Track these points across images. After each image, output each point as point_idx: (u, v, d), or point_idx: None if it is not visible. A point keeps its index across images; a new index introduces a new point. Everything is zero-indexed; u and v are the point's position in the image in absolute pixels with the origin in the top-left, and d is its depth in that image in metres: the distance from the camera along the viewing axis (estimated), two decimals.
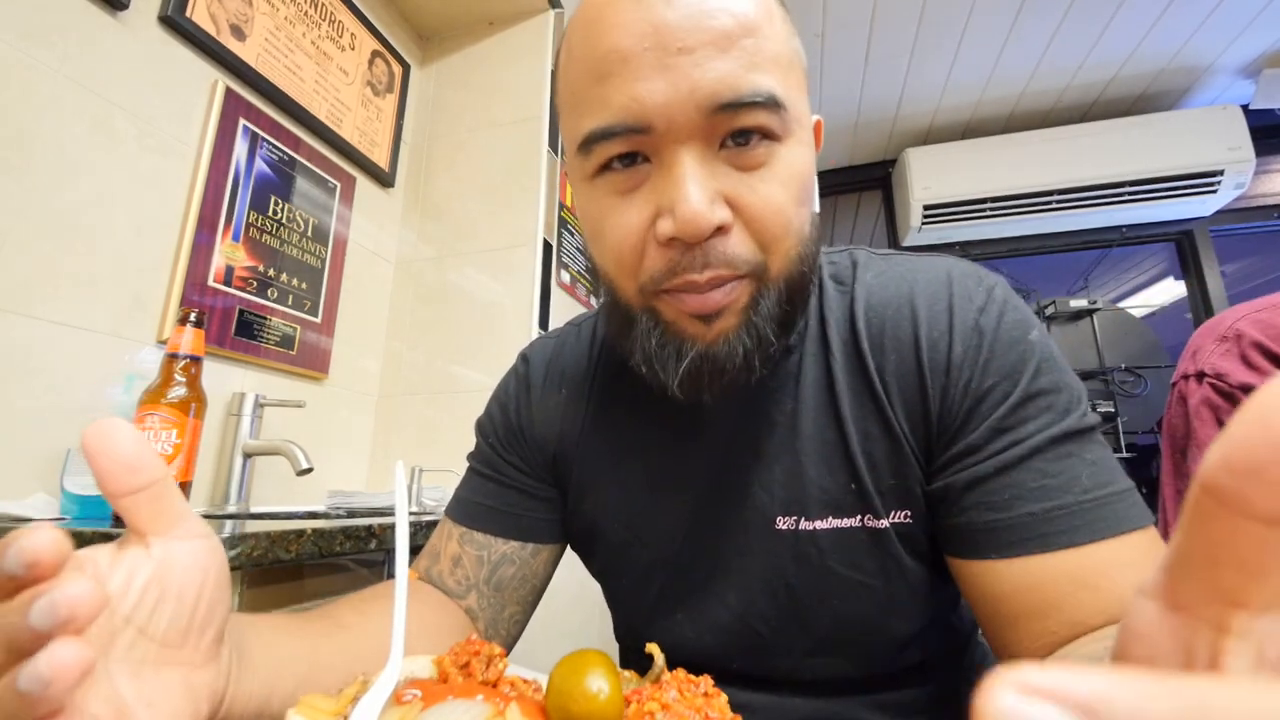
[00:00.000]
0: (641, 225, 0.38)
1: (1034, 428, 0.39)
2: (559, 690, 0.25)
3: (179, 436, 0.82)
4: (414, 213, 1.68)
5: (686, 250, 0.36)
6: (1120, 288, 3.13)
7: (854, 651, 0.46)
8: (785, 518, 0.45)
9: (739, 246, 0.37)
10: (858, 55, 2.14)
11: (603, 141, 0.37)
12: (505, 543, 0.53)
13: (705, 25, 0.35)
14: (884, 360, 0.44)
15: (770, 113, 0.36)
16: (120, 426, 0.24)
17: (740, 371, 0.39)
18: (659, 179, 0.37)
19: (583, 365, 0.55)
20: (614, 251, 0.39)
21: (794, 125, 0.38)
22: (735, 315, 0.38)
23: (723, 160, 0.37)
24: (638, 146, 0.37)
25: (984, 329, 0.41)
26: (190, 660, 0.26)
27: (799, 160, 0.38)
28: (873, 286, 0.46)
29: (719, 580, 0.48)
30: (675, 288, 0.38)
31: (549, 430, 0.54)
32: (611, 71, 0.36)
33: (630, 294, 0.40)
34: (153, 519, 0.25)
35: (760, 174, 0.37)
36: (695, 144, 0.36)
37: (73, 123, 0.94)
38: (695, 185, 0.35)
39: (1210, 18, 1.98)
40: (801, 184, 0.39)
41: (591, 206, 0.40)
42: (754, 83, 0.35)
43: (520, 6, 1.67)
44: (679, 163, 0.36)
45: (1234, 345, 0.64)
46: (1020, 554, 0.37)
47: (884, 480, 0.43)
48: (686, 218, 0.35)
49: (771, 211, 0.37)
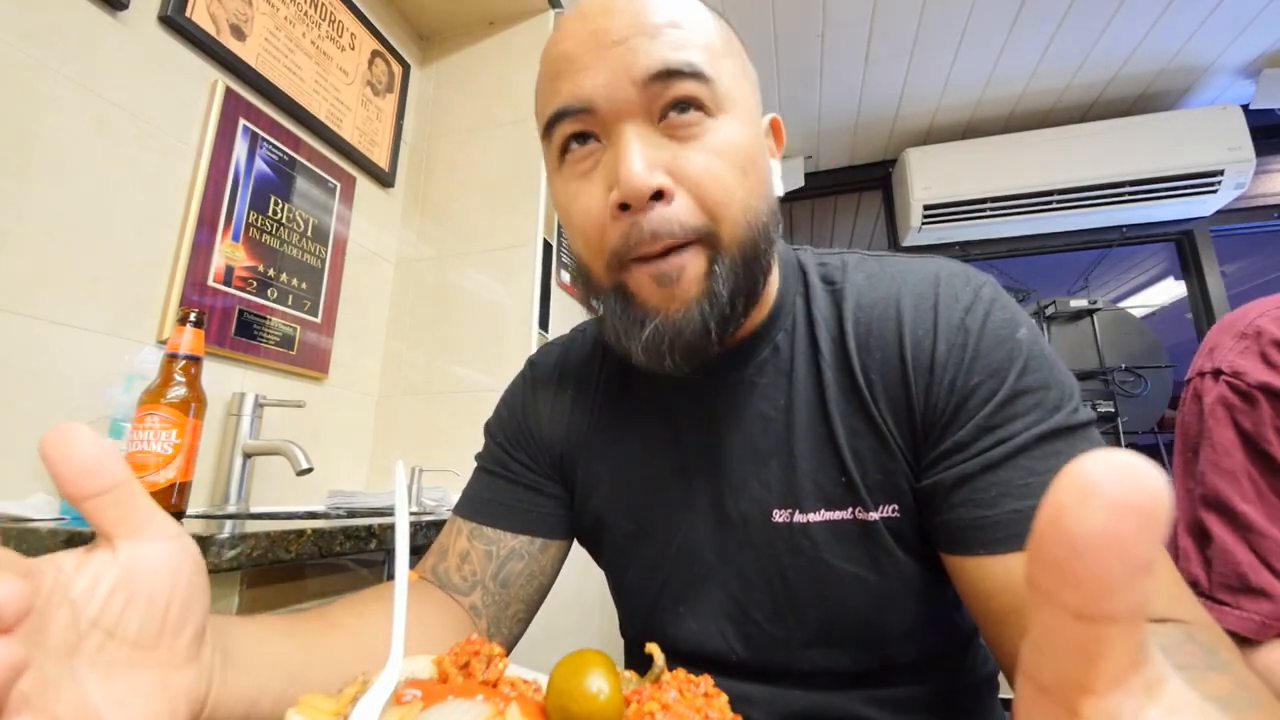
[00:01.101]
0: (600, 202, 0.41)
1: (1021, 425, 0.39)
2: (559, 690, 0.25)
3: (179, 436, 0.82)
4: (414, 213, 1.68)
5: (635, 221, 0.39)
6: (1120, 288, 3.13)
7: (849, 644, 0.47)
8: (781, 510, 0.46)
9: (683, 213, 0.40)
10: (858, 55, 2.14)
11: (558, 122, 0.42)
12: (515, 537, 0.54)
13: (635, 21, 0.40)
14: (869, 359, 0.45)
15: (698, 83, 0.40)
16: (78, 431, 0.24)
17: (699, 337, 0.41)
18: (609, 157, 0.41)
19: (588, 366, 0.57)
20: (581, 231, 0.43)
21: (726, 102, 0.41)
22: (694, 283, 0.41)
23: (662, 133, 0.40)
24: (586, 125, 0.41)
25: (969, 328, 0.42)
26: (166, 661, 0.26)
27: (735, 134, 0.41)
28: (862, 288, 0.48)
29: (720, 572, 0.49)
30: (631, 257, 0.41)
31: (556, 429, 0.56)
32: (562, 70, 0.42)
33: (600, 272, 0.43)
34: (118, 522, 0.25)
35: (696, 145, 0.40)
36: (636, 120, 0.40)
37: (73, 123, 0.94)
38: (635, 154, 0.39)
39: (1210, 18, 1.98)
40: (739, 155, 0.41)
41: (561, 195, 0.44)
42: (681, 57, 0.40)
43: (520, 6, 1.67)
44: (622, 137, 0.40)
45: (1253, 343, 0.62)
46: (1006, 550, 0.38)
47: (871, 475, 0.44)
48: (628, 180, 0.38)
49: (709, 177, 0.40)
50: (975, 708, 0.51)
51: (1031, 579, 0.13)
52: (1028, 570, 0.13)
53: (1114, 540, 0.11)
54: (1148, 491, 0.11)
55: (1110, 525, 0.11)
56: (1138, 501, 0.11)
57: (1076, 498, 0.12)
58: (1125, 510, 0.11)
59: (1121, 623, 0.12)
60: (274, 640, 0.35)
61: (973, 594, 0.40)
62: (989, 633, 0.40)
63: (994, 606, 0.38)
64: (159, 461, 0.80)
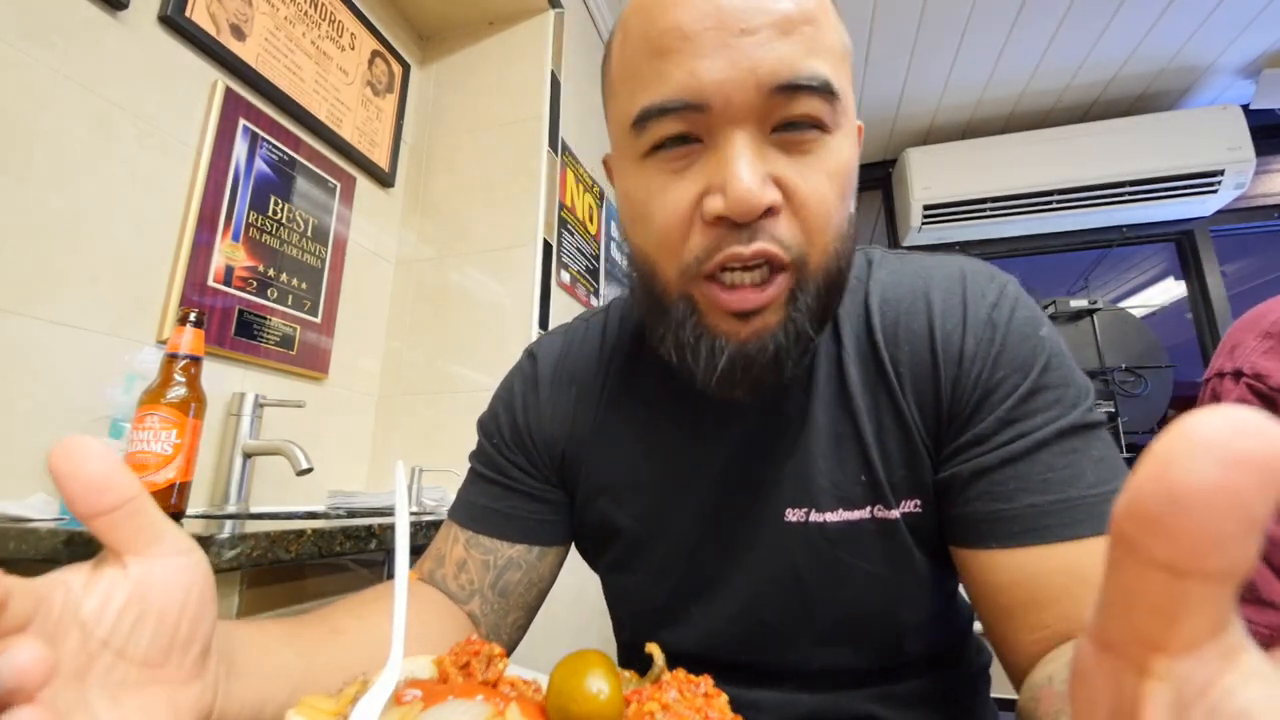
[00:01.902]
0: (689, 204, 0.38)
1: (1041, 420, 0.39)
2: (559, 690, 0.25)
3: (179, 436, 0.82)
4: (414, 213, 1.68)
5: (733, 228, 0.37)
6: (1120, 288, 3.13)
7: (860, 642, 0.47)
8: (795, 510, 0.45)
9: (786, 231, 0.37)
10: (858, 55, 2.14)
11: (658, 118, 0.37)
12: (512, 546, 0.53)
13: (768, 8, 0.35)
14: (898, 352, 0.44)
15: (824, 100, 0.36)
16: (88, 445, 0.23)
17: (771, 368, 0.39)
18: (710, 159, 0.37)
19: (594, 362, 0.55)
20: (660, 231, 0.39)
21: (843, 118, 0.38)
22: (775, 312, 0.38)
23: (773, 144, 0.37)
24: (692, 125, 0.37)
25: (997, 323, 0.42)
26: (174, 678, 0.26)
27: (845, 154, 0.38)
28: (887, 282, 0.47)
29: (730, 572, 0.48)
30: (720, 262, 0.37)
31: (558, 429, 0.54)
32: (672, 48, 0.36)
33: (670, 277, 0.40)
34: (129, 539, 0.25)
35: (808, 161, 0.37)
36: (749, 126, 0.36)
37: (73, 123, 0.94)
38: (747, 165, 0.35)
39: (1210, 18, 1.98)
40: (846, 178, 0.39)
41: (639, 187, 0.40)
42: (812, 67, 0.36)
43: (520, 6, 1.67)
44: (732, 142, 0.36)
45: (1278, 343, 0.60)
46: (1020, 545, 0.38)
47: (895, 471, 0.44)
48: (739, 195, 0.35)
49: (817, 199, 0.37)
50: (973, 702, 0.51)
51: (1119, 531, 0.13)
52: (1115, 523, 0.13)
53: (1228, 495, 0.11)
54: (1271, 447, 0.11)
55: (1225, 479, 0.11)
56: (1260, 457, 0.11)
57: (1187, 450, 0.11)
58: (1244, 465, 0.11)
59: (1215, 582, 0.12)
60: (277, 650, 0.35)
61: (982, 588, 0.40)
62: (994, 627, 0.40)
63: (1003, 601, 0.39)
64: (159, 461, 0.80)
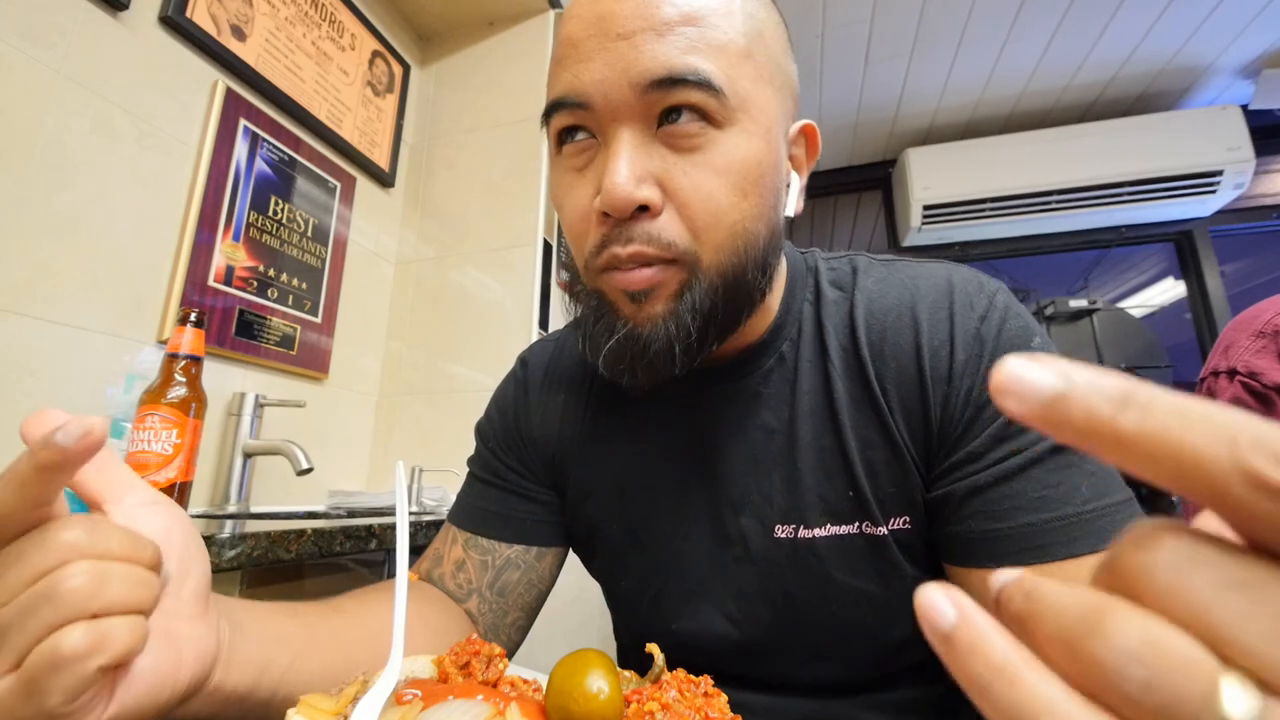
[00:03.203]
0: (588, 201, 0.39)
1: (1034, 437, 0.38)
2: (559, 690, 0.25)
3: (179, 436, 0.82)
4: (414, 213, 1.68)
5: (615, 226, 0.38)
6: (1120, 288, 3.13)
7: (851, 657, 0.46)
8: (784, 526, 0.45)
9: (666, 230, 0.38)
10: (858, 55, 2.14)
11: (555, 114, 0.40)
12: (510, 547, 0.53)
13: (646, 14, 0.37)
14: (884, 368, 0.43)
15: (703, 92, 0.36)
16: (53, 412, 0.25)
17: (660, 357, 0.39)
18: (600, 157, 0.39)
19: (581, 368, 0.55)
20: (569, 227, 0.42)
21: (738, 113, 0.38)
22: (662, 301, 0.39)
23: (660, 141, 0.38)
24: (581, 120, 0.39)
25: (985, 337, 0.41)
26: (172, 610, 0.28)
27: (740, 150, 0.38)
28: (873, 293, 0.46)
29: (717, 587, 0.47)
30: (603, 263, 0.39)
31: (548, 432, 0.54)
32: (564, 55, 0.39)
33: (583, 270, 0.42)
34: (104, 488, 0.27)
35: (694, 159, 0.37)
36: (633, 124, 0.37)
37: (73, 123, 0.94)
38: (624, 162, 0.36)
39: (1210, 18, 1.98)
40: (741, 174, 0.38)
41: (556, 184, 0.43)
42: (688, 63, 0.36)
43: (520, 6, 1.67)
44: (613, 140, 0.38)
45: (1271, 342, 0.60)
46: (1018, 563, 0.37)
47: (883, 488, 0.43)
48: (611, 192, 0.36)
49: (702, 197, 0.37)
50: (973, 709, 0.51)
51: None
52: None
53: None
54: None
55: None
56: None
57: None
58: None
59: None
60: (280, 619, 0.36)
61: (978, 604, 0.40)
62: None
63: (999, 618, 0.38)
64: (159, 461, 0.80)
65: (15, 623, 0.22)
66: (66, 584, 0.22)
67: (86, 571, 0.23)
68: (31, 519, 0.23)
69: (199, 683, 0.28)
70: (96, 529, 0.24)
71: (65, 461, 0.22)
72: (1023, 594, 0.13)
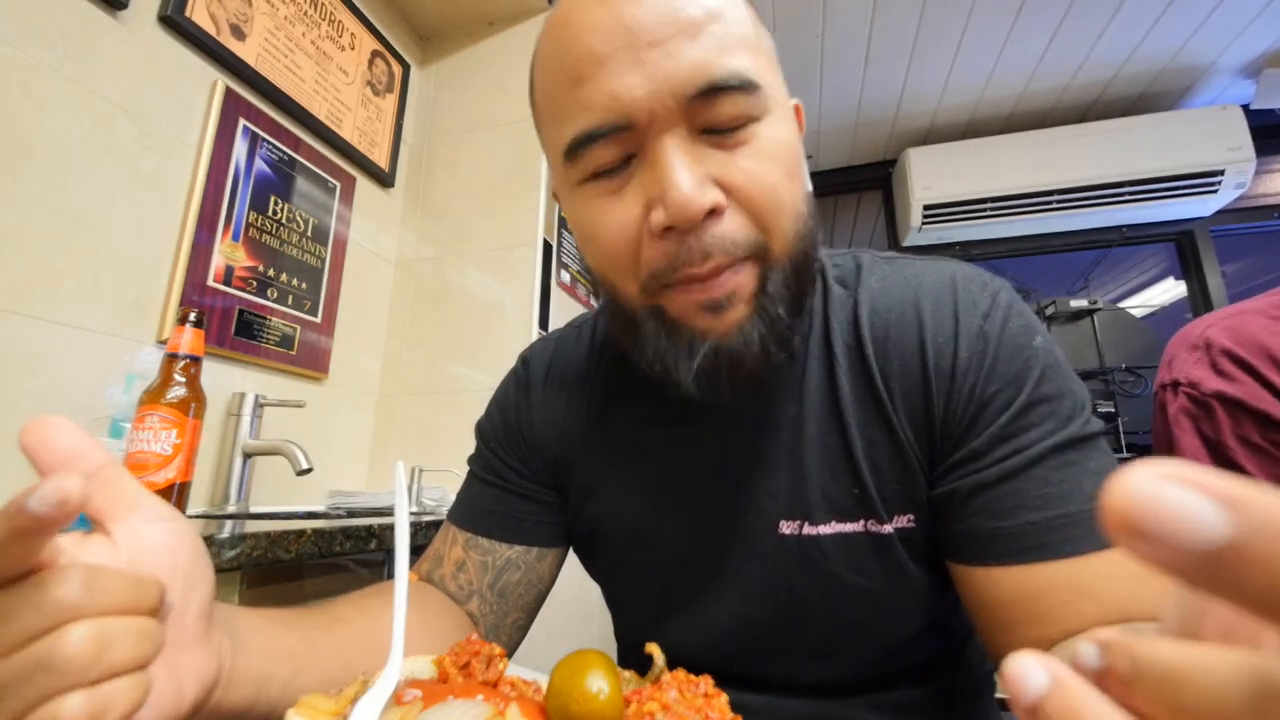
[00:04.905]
0: (635, 221, 0.37)
1: (1037, 435, 0.39)
2: (559, 690, 0.25)
3: (179, 436, 0.82)
4: (414, 213, 1.68)
5: (683, 241, 0.36)
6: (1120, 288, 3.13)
7: (854, 655, 0.46)
8: (789, 522, 0.44)
9: (735, 229, 0.37)
10: (858, 55, 2.14)
11: (590, 145, 0.37)
12: (510, 548, 0.53)
13: (673, 17, 0.35)
14: (888, 365, 0.43)
15: (746, 94, 0.36)
16: (56, 421, 0.24)
17: (758, 360, 0.38)
18: (646, 172, 0.37)
19: (583, 367, 0.55)
20: (609, 252, 0.39)
21: (770, 103, 0.38)
22: (745, 303, 0.38)
23: (706, 144, 0.37)
24: (624, 146, 0.37)
25: (989, 335, 0.41)
26: (174, 641, 0.26)
27: (782, 134, 0.38)
28: (877, 291, 0.46)
29: (721, 584, 0.47)
30: (678, 281, 0.37)
31: (550, 432, 0.54)
32: (587, 74, 0.36)
33: (632, 294, 0.39)
34: (107, 506, 0.26)
35: (745, 151, 0.37)
36: (679, 131, 0.36)
37: (73, 123, 0.94)
38: (684, 170, 0.35)
39: (1210, 18, 1.98)
40: (789, 157, 0.38)
41: (582, 211, 0.40)
42: (727, 65, 0.35)
43: (520, 6, 1.67)
44: (664, 151, 0.36)
45: (1204, 354, 0.65)
46: (1022, 561, 0.37)
47: (888, 485, 0.43)
48: (679, 203, 0.34)
49: (762, 186, 0.37)
50: (974, 708, 0.50)
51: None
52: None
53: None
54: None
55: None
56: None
57: None
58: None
59: None
60: (281, 632, 0.36)
61: (980, 602, 0.39)
62: (994, 640, 0.40)
63: (1003, 615, 0.38)
64: (159, 461, 0.80)
65: (11, 687, 0.21)
66: (65, 652, 0.21)
67: (85, 638, 0.22)
68: (22, 569, 0.22)
69: (200, 704, 0.28)
70: (95, 582, 0.23)
71: (40, 528, 0.21)
72: (1130, 660, 0.13)
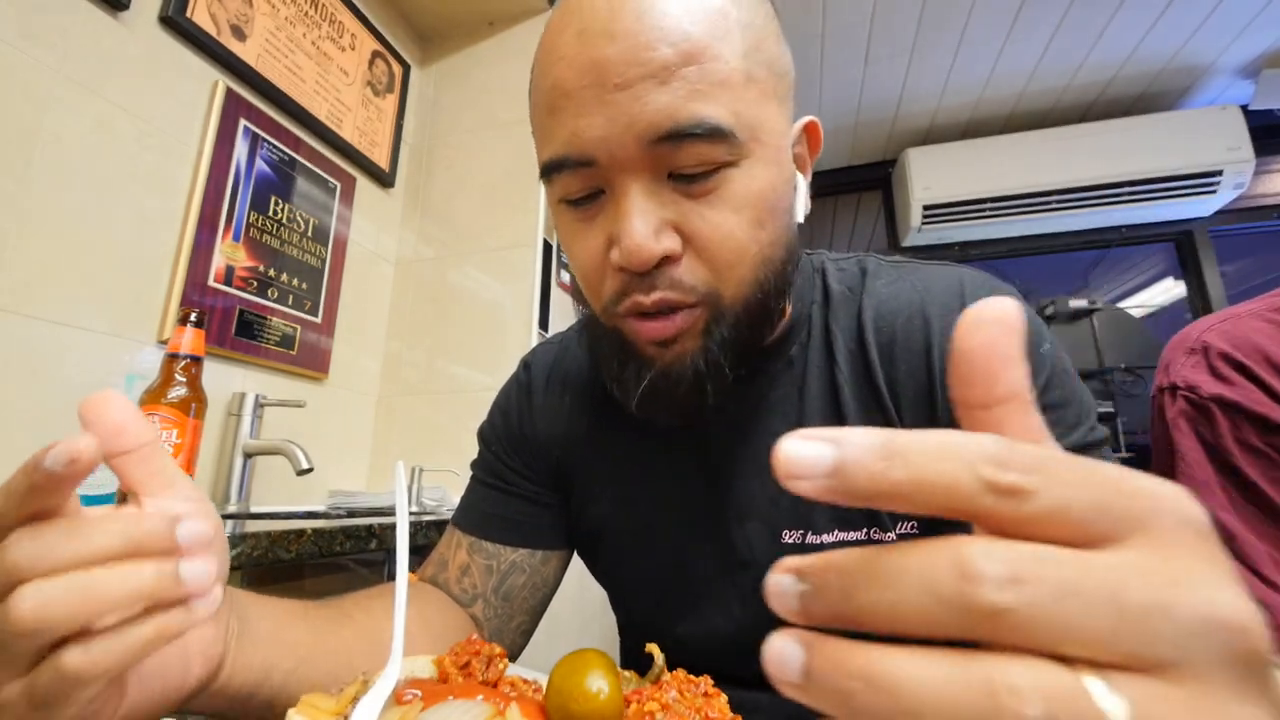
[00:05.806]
0: (599, 252, 0.38)
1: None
2: (559, 690, 0.25)
3: (179, 436, 0.82)
4: (414, 213, 1.68)
5: (635, 275, 0.37)
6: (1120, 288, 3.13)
7: None
8: (791, 531, 0.44)
9: (688, 274, 0.37)
10: (858, 55, 2.14)
11: (558, 172, 0.38)
12: (514, 551, 0.53)
13: (643, 59, 0.34)
14: (894, 370, 0.43)
15: (713, 143, 0.35)
16: (114, 397, 0.26)
17: (693, 394, 0.39)
18: (610, 209, 0.37)
19: (585, 371, 0.55)
20: (580, 273, 0.41)
21: (749, 145, 0.36)
22: (693, 339, 0.38)
23: (672, 189, 0.36)
24: (587, 181, 0.37)
25: None
26: None
27: (757, 180, 0.37)
28: (883, 295, 0.46)
29: (722, 591, 0.47)
30: (625, 310, 0.38)
31: (552, 436, 0.54)
32: (557, 105, 0.37)
33: (598, 312, 0.41)
34: (144, 480, 0.27)
35: (711, 200, 0.36)
36: (643, 174, 0.36)
37: (73, 123, 0.94)
38: (640, 217, 0.35)
39: (1210, 18, 1.98)
40: (760, 205, 0.37)
41: (562, 228, 0.42)
42: (694, 112, 0.34)
43: (520, 6, 1.67)
44: (624, 195, 0.36)
45: (1201, 357, 0.65)
46: None
47: None
48: (630, 249, 0.35)
49: (721, 238, 0.37)
50: None
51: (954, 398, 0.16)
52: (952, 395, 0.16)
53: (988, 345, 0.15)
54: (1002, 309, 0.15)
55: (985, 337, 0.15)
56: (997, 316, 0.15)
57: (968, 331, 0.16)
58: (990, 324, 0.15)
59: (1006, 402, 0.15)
60: (289, 622, 0.36)
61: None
62: None
63: None
64: None
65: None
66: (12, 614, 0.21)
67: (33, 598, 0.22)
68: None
69: (205, 683, 0.29)
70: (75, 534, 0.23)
71: (53, 485, 0.22)
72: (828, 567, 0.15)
